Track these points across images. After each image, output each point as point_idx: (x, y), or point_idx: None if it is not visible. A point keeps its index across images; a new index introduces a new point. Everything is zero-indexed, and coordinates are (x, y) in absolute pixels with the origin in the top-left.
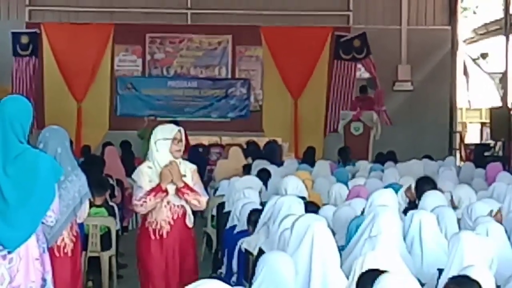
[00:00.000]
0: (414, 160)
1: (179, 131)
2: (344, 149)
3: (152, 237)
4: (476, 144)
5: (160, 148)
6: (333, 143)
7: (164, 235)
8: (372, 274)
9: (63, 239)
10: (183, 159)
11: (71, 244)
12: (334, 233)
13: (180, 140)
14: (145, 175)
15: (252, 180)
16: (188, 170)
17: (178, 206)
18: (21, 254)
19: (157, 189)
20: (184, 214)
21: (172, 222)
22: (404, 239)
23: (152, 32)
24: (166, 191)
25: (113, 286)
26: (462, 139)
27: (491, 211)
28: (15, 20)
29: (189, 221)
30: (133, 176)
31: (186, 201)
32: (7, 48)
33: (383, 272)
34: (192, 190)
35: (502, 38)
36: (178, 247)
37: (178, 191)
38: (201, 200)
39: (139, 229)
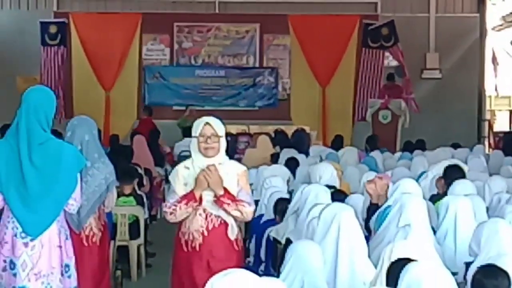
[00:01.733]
0: (443, 148)
1: (207, 124)
2: (372, 138)
3: (185, 249)
4: (505, 132)
5: (192, 147)
6: (361, 131)
7: (197, 248)
8: (403, 263)
9: (91, 229)
10: (231, 158)
11: (99, 234)
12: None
13: (211, 136)
14: (180, 177)
15: (280, 169)
16: (233, 173)
17: (216, 216)
18: (43, 241)
19: (190, 197)
20: (223, 223)
21: (206, 233)
22: (436, 226)
23: (180, 21)
24: (200, 199)
25: (142, 275)
26: (491, 127)
27: None
28: (44, 9)
29: (232, 232)
30: (169, 177)
31: (226, 211)
32: (36, 37)
33: (412, 261)
34: (234, 199)
35: None
36: (215, 263)
37: (217, 199)
38: (244, 210)
39: (174, 238)
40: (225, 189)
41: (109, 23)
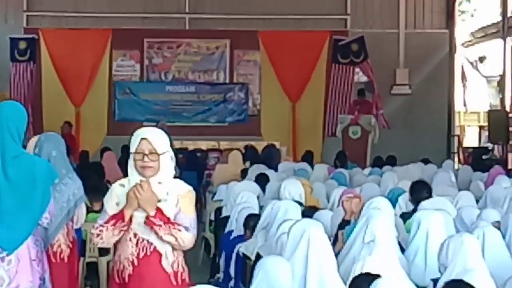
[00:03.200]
0: (413, 164)
1: (144, 139)
2: (342, 153)
3: (116, 279)
4: (474, 148)
5: (129, 164)
6: (331, 147)
7: (126, 279)
8: (365, 278)
9: (59, 245)
10: (175, 177)
11: (67, 250)
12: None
13: (149, 154)
14: (114, 196)
15: (250, 185)
16: (174, 193)
17: (147, 241)
18: (19, 255)
19: (118, 216)
20: (156, 251)
21: (136, 262)
22: (406, 242)
23: (150, 37)
24: (129, 219)
25: None
26: (460, 142)
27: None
28: (13, 25)
29: (166, 262)
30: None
31: (158, 236)
32: (5, 53)
33: (375, 276)
34: (168, 221)
35: (499, 41)
36: None
37: (146, 220)
38: (180, 236)
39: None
40: (159, 209)
41: (79, 39)
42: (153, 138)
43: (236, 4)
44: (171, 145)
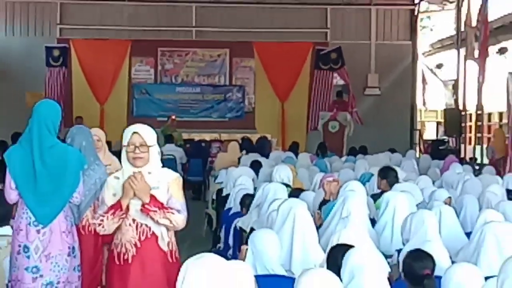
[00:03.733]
0: (381, 153)
1: (135, 133)
2: (322, 144)
3: (117, 261)
4: (432, 140)
5: (122, 157)
6: (313, 138)
7: (129, 260)
8: (341, 248)
9: (88, 220)
10: (168, 167)
11: None
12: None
13: (139, 146)
14: (110, 188)
15: (246, 170)
16: (164, 181)
17: (145, 225)
18: (52, 228)
19: (116, 206)
20: (154, 234)
21: (138, 244)
22: (377, 218)
23: (163, 46)
24: (126, 208)
25: None
26: (421, 136)
27: (449, 198)
28: (48, 36)
29: (162, 243)
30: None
31: (154, 220)
32: (42, 60)
33: (349, 246)
34: (161, 206)
35: (454, 51)
36: (148, 275)
37: (142, 207)
38: (173, 218)
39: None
40: (152, 197)
41: (103, 48)
42: (143, 132)
43: (234, 19)
44: (180, 137)
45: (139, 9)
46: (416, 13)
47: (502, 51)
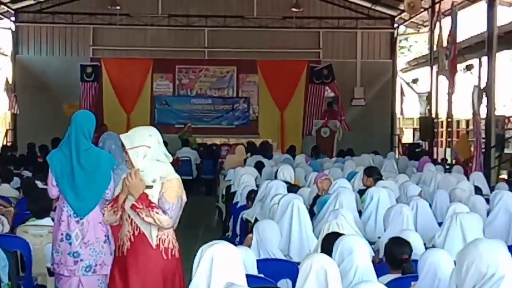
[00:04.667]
0: (365, 154)
1: (124, 138)
2: (316, 147)
3: (117, 253)
4: (409, 143)
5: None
6: (308, 142)
7: (125, 253)
8: (333, 236)
9: None
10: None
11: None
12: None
13: (126, 151)
14: (120, 184)
15: (251, 169)
16: (158, 179)
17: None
18: (89, 219)
19: (115, 200)
20: (143, 231)
21: (132, 239)
22: (363, 210)
23: (180, 64)
24: (122, 202)
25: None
26: (399, 140)
27: (421, 191)
28: (83, 56)
29: (151, 240)
30: None
31: (140, 217)
32: (77, 76)
33: (339, 234)
34: (148, 205)
35: (427, 68)
36: (141, 269)
37: (132, 205)
38: (158, 218)
39: None
40: (143, 194)
41: (129, 66)
42: (123, 137)
43: (241, 41)
44: (195, 141)
45: (160, 33)
46: (395, 35)
47: (468, 67)
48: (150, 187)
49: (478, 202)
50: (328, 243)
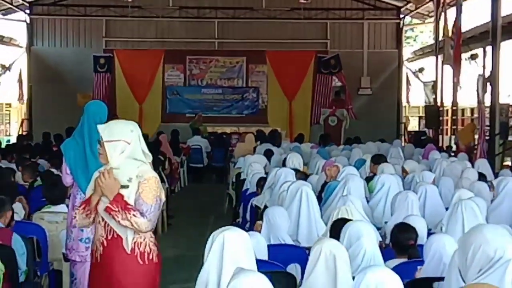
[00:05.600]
0: (372, 142)
1: (103, 129)
2: (324, 135)
3: (92, 259)
4: (415, 131)
5: None
6: (316, 131)
7: (98, 259)
8: (341, 221)
9: None
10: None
11: None
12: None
13: (101, 143)
14: (92, 183)
15: (260, 157)
16: (135, 178)
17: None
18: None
19: (87, 202)
20: (118, 234)
21: (105, 243)
22: (370, 196)
23: (191, 55)
24: (96, 204)
25: (165, 229)
26: (405, 128)
27: (434, 177)
28: (96, 47)
29: (126, 244)
30: None
31: (115, 220)
32: (90, 66)
33: (347, 220)
34: (124, 207)
35: (433, 57)
36: (115, 275)
37: (106, 206)
38: (135, 221)
39: None
40: (118, 196)
41: (141, 57)
42: (101, 128)
43: (250, 32)
44: (206, 130)
45: (171, 24)
46: (401, 26)
47: (473, 57)
48: (126, 187)
49: (483, 188)
50: (337, 229)
